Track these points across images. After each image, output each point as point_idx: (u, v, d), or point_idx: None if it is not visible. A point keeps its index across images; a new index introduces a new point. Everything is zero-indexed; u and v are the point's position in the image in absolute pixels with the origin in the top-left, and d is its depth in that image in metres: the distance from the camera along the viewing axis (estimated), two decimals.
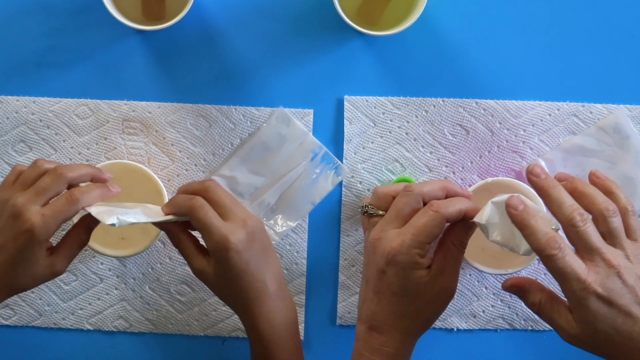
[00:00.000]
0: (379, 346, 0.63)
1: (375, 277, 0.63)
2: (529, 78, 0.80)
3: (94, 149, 0.80)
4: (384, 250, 0.62)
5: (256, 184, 0.79)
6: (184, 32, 0.79)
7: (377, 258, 0.63)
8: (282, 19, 0.79)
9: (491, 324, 0.80)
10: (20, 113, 0.79)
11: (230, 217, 0.65)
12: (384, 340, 0.63)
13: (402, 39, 0.79)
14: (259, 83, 0.80)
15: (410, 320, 0.63)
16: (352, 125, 0.79)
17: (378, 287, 0.63)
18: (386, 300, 0.63)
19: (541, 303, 0.60)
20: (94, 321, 0.80)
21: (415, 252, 0.61)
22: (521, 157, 0.79)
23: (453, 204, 0.62)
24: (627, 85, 0.80)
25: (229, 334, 0.80)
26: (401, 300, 0.62)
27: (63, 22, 0.79)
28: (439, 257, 0.63)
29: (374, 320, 0.64)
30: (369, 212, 0.67)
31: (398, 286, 0.62)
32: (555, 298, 0.60)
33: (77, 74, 0.80)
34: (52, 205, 0.62)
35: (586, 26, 0.80)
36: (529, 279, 0.63)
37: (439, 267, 0.63)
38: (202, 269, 0.66)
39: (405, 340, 0.64)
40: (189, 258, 0.67)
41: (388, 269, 0.62)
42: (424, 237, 0.61)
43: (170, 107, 0.80)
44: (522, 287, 0.62)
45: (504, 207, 0.61)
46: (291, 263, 0.80)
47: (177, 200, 0.66)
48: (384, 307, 0.63)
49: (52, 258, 0.64)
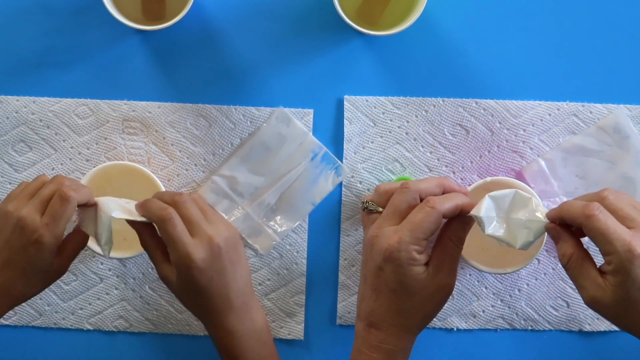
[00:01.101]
0: (377, 343, 0.64)
1: (373, 274, 0.64)
2: (529, 78, 0.80)
3: (94, 148, 0.80)
4: (382, 247, 0.62)
5: (256, 183, 0.79)
6: (184, 32, 0.79)
7: (374, 255, 0.63)
8: (282, 19, 0.79)
9: (491, 323, 0.80)
10: (20, 113, 0.79)
11: (196, 234, 0.65)
12: (382, 337, 0.64)
13: (402, 39, 0.79)
14: (259, 83, 0.80)
15: (408, 317, 0.63)
16: (352, 125, 0.79)
17: (376, 284, 0.63)
18: (384, 297, 0.63)
19: (572, 258, 0.59)
20: (94, 321, 0.80)
21: (412, 249, 0.61)
22: (521, 156, 0.79)
23: (449, 200, 0.62)
24: (627, 85, 0.80)
25: None
26: (399, 296, 0.63)
27: (63, 22, 0.79)
28: (436, 254, 0.64)
29: (373, 317, 0.64)
30: (369, 208, 0.67)
31: (396, 283, 0.62)
32: (587, 257, 0.59)
33: (77, 74, 0.80)
34: (50, 211, 0.63)
35: (586, 26, 0.80)
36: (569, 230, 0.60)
37: (436, 263, 0.63)
38: (167, 277, 0.67)
39: (404, 336, 0.64)
40: (156, 264, 0.68)
41: (386, 265, 0.62)
42: (421, 233, 0.61)
43: (170, 107, 0.80)
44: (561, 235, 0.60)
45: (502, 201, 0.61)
46: (291, 263, 0.80)
47: (150, 206, 0.66)
48: (382, 304, 0.63)
49: (58, 260, 0.65)
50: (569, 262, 0.59)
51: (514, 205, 0.62)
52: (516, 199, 0.62)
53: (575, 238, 0.60)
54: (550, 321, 0.80)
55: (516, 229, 0.61)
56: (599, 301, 0.57)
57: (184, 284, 0.66)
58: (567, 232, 0.60)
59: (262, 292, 0.80)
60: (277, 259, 0.80)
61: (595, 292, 0.57)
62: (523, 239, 0.61)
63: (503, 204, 0.62)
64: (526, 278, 0.80)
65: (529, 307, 0.80)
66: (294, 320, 0.80)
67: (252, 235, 0.79)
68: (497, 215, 0.62)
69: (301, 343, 0.81)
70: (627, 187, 0.78)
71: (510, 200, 0.62)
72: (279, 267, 0.80)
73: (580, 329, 0.80)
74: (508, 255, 0.74)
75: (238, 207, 0.79)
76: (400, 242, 0.61)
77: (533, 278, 0.80)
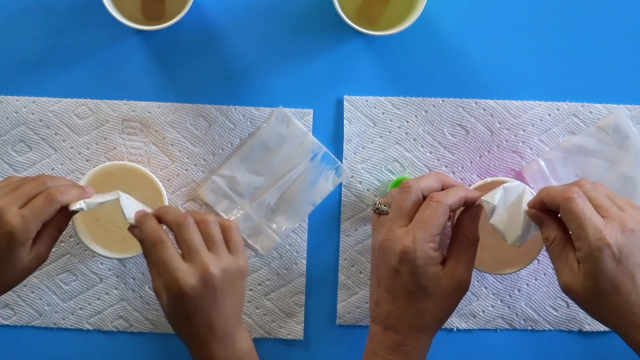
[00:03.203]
0: (395, 345, 0.64)
1: (388, 277, 0.64)
2: (529, 78, 0.80)
3: (94, 148, 0.80)
4: (396, 249, 0.62)
5: (256, 183, 0.79)
6: (184, 32, 0.79)
7: (389, 258, 0.63)
8: (282, 19, 0.79)
9: (491, 324, 0.80)
10: (20, 113, 0.79)
11: (192, 260, 0.63)
12: (400, 339, 0.64)
13: (402, 39, 0.79)
14: (259, 83, 0.80)
15: (426, 318, 0.64)
16: (352, 125, 0.79)
17: (392, 286, 0.64)
18: (401, 299, 0.63)
19: (555, 241, 0.59)
20: (93, 321, 0.80)
21: (427, 246, 0.62)
22: (521, 157, 0.79)
23: (453, 193, 0.63)
24: (627, 85, 0.80)
25: None
26: (417, 297, 0.63)
27: (63, 22, 0.79)
28: (452, 252, 0.64)
29: (390, 320, 0.64)
30: (380, 209, 0.68)
31: (413, 283, 0.62)
32: (569, 243, 0.59)
33: (77, 74, 0.80)
34: (31, 206, 0.62)
35: (586, 26, 0.80)
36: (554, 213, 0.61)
37: (453, 261, 0.64)
38: (158, 294, 0.65)
39: (421, 337, 0.64)
40: (152, 276, 0.66)
41: (402, 267, 0.62)
42: (433, 229, 0.62)
43: (170, 107, 0.80)
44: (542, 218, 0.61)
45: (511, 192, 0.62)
46: (291, 263, 0.80)
47: (144, 227, 0.65)
48: (399, 307, 0.64)
49: (35, 248, 0.64)
50: (551, 245, 0.60)
51: (519, 199, 0.64)
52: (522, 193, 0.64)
53: (559, 221, 0.60)
54: (550, 321, 0.80)
55: (515, 225, 0.63)
56: (570, 287, 0.58)
57: (171, 307, 0.64)
58: (550, 216, 0.61)
59: (262, 292, 0.80)
60: (277, 259, 0.80)
61: (568, 278, 0.58)
62: (513, 234, 0.62)
63: (510, 197, 0.63)
64: (526, 278, 0.80)
65: (528, 307, 0.80)
66: (293, 320, 0.80)
67: (252, 235, 0.79)
68: (502, 209, 0.63)
69: (301, 343, 0.81)
70: (627, 187, 0.78)
71: (516, 196, 0.64)
72: (279, 267, 0.80)
73: (580, 329, 0.80)
74: (508, 255, 0.74)
75: (238, 207, 0.79)
76: (414, 242, 0.61)
77: (533, 278, 0.80)
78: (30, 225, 0.62)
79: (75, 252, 0.80)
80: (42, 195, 0.63)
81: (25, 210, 0.62)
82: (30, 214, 0.62)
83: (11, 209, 0.62)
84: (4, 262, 0.63)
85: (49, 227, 0.65)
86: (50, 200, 0.62)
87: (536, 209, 0.62)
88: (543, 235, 0.61)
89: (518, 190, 0.64)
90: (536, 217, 0.62)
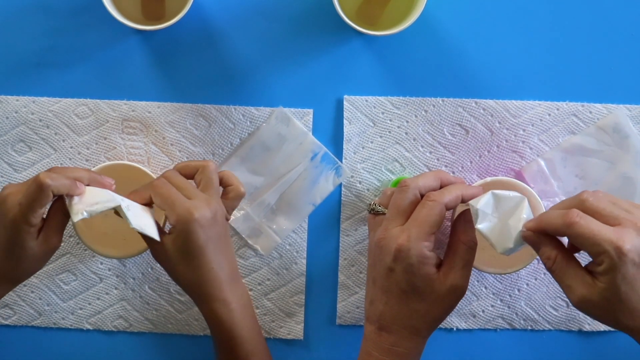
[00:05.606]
0: (389, 346, 0.64)
1: (383, 276, 0.64)
2: (529, 78, 0.80)
3: (94, 148, 0.80)
4: (391, 247, 0.62)
5: (256, 183, 0.79)
6: (184, 32, 0.79)
7: (384, 256, 0.63)
8: (282, 19, 0.79)
9: (491, 323, 0.80)
10: (19, 113, 0.79)
11: (194, 197, 0.66)
12: (393, 340, 0.64)
13: (401, 39, 0.79)
14: (259, 83, 0.80)
15: (418, 319, 0.63)
16: (352, 125, 0.79)
17: (386, 286, 0.63)
18: (395, 299, 0.63)
19: (557, 259, 0.58)
20: (93, 321, 0.80)
21: (422, 245, 0.61)
22: (521, 156, 0.79)
23: (449, 191, 0.63)
24: (627, 85, 0.80)
25: None
26: (410, 298, 0.63)
27: (63, 22, 0.79)
28: (447, 256, 0.64)
29: (383, 320, 0.64)
30: (375, 209, 0.68)
31: (406, 283, 0.62)
32: (572, 257, 0.58)
33: (76, 74, 0.80)
34: (25, 193, 0.63)
35: (586, 26, 0.80)
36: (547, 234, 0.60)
37: (447, 265, 0.63)
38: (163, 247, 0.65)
39: (415, 339, 0.64)
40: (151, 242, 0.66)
41: (396, 265, 0.62)
42: (428, 228, 0.61)
43: (170, 106, 0.80)
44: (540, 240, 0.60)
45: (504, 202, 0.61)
46: (291, 263, 0.80)
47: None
48: (392, 306, 0.63)
49: (43, 235, 0.65)
50: (554, 264, 0.59)
51: (513, 210, 0.62)
52: (519, 205, 0.62)
53: (556, 240, 0.60)
54: (550, 321, 0.80)
55: (504, 233, 0.61)
56: (588, 299, 0.56)
57: (181, 243, 0.64)
58: (546, 236, 0.60)
59: (262, 292, 0.80)
60: (277, 259, 0.80)
61: (583, 291, 0.56)
62: (504, 245, 0.61)
63: (503, 206, 0.62)
64: (526, 278, 0.80)
65: (528, 307, 0.80)
66: (293, 320, 0.80)
67: (252, 235, 0.79)
68: (492, 214, 0.62)
69: (301, 343, 0.81)
70: (627, 187, 0.78)
71: (513, 205, 0.62)
72: (279, 267, 0.80)
73: (579, 328, 0.80)
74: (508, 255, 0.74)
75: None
76: (409, 240, 0.61)
77: (533, 278, 0.80)
78: (26, 212, 0.62)
79: (75, 252, 0.80)
80: (33, 182, 0.63)
81: (22, 198, 0.63)
82: (25, 201, 0.62)
83: (14, 197, 0.63)
84: (15, 248, 0.64)
85: (52, 213, 0.66)
86: (40, 187, 0.62)
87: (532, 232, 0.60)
88: (543, 256, 0.59)
89: (515, 201, 0.62)
90: (533, 242, 0.60)
